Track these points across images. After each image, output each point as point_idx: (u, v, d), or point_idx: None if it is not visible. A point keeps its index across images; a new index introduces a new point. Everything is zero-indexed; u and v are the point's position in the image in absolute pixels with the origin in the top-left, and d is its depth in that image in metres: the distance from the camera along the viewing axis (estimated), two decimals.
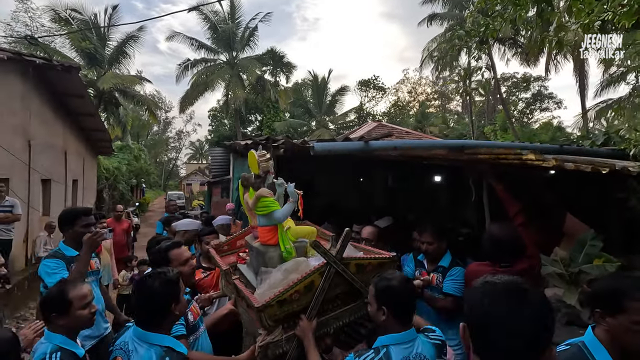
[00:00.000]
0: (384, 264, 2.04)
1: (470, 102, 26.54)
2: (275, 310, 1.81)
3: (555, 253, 2.42)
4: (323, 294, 1.89)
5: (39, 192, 7.93)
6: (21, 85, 6.89)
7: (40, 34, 17.86)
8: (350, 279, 1.96)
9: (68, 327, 1.70)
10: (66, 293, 1.72)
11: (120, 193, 17.32)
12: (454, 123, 36.03)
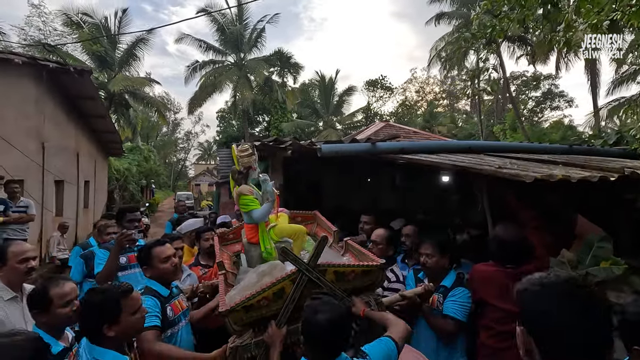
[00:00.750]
0: (369, 272, 1.91)
1: (479, 101, 26.31)
2: (241, 315, 1.76)
3: (562, 255, 2.40)
4: (294, 302, 1.78)
5: (52, 193, 8.11)
6: (35, 89, 7.06)
7: (52, 38, 18.27)
8: (327, 287, 1.82)
9: (49, 324, 1.70)
10: (47, 290, 1.71)
11: (131, 194, 17.58)
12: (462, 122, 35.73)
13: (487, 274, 2.26)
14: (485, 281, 2.24)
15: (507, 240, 2.25)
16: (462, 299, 2.21)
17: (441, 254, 2.26)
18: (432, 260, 2.26)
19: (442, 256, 2.26)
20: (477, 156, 3.37)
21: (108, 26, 18.52)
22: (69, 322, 1.78)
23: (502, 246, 2.27)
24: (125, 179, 16.94)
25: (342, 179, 6.44)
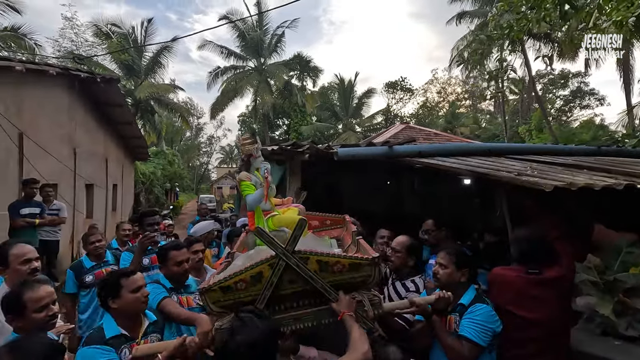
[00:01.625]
0: (359, 267, 1.73)
1: (503, 101, 25.58)
2: (218, 296, 1.71)
3: (589, 260, 2.32)
4: (271, 287, 1.70)
5: (83, 196, 8.50)
6: (68, 97, 7.45)
7: (84, 49, 19.18)
8: (308, 276, 1.70)
9: (25, 329, 1.65)
10: (21, 295, 1.68)
11: (156, 196, 18.14)
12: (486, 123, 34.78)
13: (507, 278, 2.19)
14: (505, 285, 2.18)
15: (528, 243, 2.19)
16: (482, 318, 1.88)
17: (457, 267, 2.00)
18: (445, 272, 2.01)
19: (457, 269, 2.00)
20: (497, 159, 3.30)
21: (135, 36, 19.30)
22: (46, 327, 1.72)
23: (523, 249, 2.21)
24: (150, 182, 17.51)
25: (362, 182, 6.40)
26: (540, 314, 2.07)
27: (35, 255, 2.30)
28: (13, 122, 5.37)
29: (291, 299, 1.77)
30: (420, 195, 6.61)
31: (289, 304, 1.77)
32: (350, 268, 1.73)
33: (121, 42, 18.31)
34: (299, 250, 1.70)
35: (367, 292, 1.78)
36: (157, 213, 3.59)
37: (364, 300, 1.74)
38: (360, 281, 1.75)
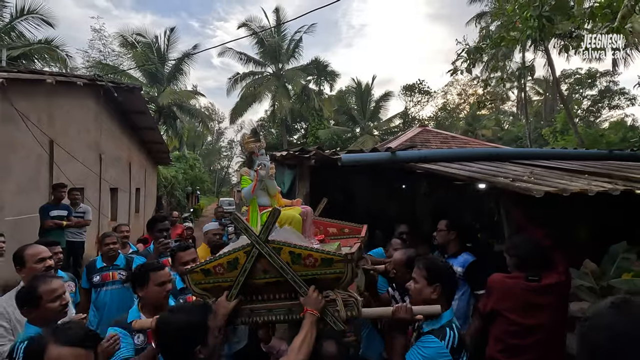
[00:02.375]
0: (331, 262, 1.67)
1: (526, 102, 24.91)
2: (199, 278, 1.79)
3: (585, 265, 2.33)
4: (244, 274, 1.72)
5: (108, 200, 8.94)
6: (95, 106, 7.89)
7: (111, 59, 20.15)
8: (279, 266, 1.69)
9: (41, 319, 1.81)
10: (36, 288, 1.84)
11: (177, 200, 18.73)
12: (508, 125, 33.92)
13: (507, 285, 2.21)
14: (505, 293, 2.19)
15: (527, 249, 2.20)
16: (429, 354, 1.63)
17: (429, 282, 1.77)
18: (416, 288, 1.81)
19: (429, 284, 1.77)
20: (500, 164, 3.31)
21: (158, 44, 20.06)
22: (59, 316, 1.89)
23: (522, 256, 2.21)
24: (172, 186, 18.10)
25: (375, 186, 6.43)
26: (540, 320, 2.10)
27: (48, 254, 2.48)
28: (44, 130, 5.76)
29: (266, 289, 1.77)
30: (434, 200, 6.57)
31: (265, 295, 1.78)
32: (322, 263, 1.68)
33: (145, 51, 19.10)
34: (273, 240, 1.70)
35: (343, 292, 1.71)
36: (167, 218, 3.77)
37: (337, 299, 1.67)
38: (332, 278, 1.69)
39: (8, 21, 13.20)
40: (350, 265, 1.67)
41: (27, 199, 5.37)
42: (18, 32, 13.59)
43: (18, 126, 5.14)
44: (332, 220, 2.85)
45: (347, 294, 1.70)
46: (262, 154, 2.44)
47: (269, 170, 2.35)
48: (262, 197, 2.38)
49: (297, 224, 2.26)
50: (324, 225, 2.84)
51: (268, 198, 2.42)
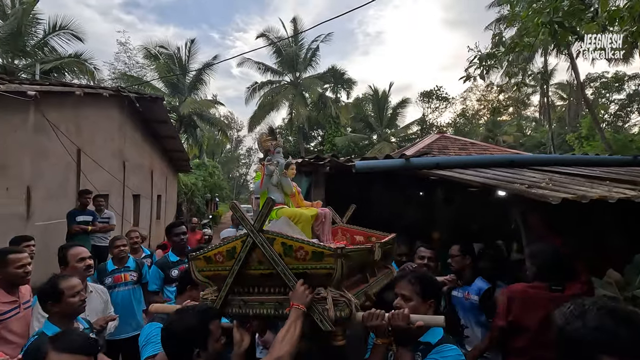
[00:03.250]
0: (321, 255, 1.60)
1: (548, 107, 24.25)
2: (202, 265, 1.81)
3: (609, 275, 2.25)
4: (239, 263, 1.70)
5: (130, 206, 9.24)
6: (119, 115, 8.22)
7: (135, 70, 20.97)
8: (270, 257, 1.65)
9: (62, 313, 1.98)
10: (58, 284, 1.99)
11: (197, 206, 19.12)
12: (531, 131, 33.02)
13: (529, 296, 2.14)
14: (526, 303, 2.12)
15: (550, 259, 2.13)
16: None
17: (423, 298, 1.68)
18: (410, 306, 1.66)
19: (423, 301, 1.68)
20: (518, 171, 3.25)
21: (180, 55, 20.74)
22: (79, 310, 2.05)
23: (545, 265, 2.14)
24: (192, 193, 18.50)
25: (392, 193, 6.36)
26: None
27: (87, 254, 2.72)
28: (73, 140, 6.05)
29: (260, 281, 1.75)
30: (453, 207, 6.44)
31: (259, 287, 1.76)
32: (313, 256, 1.62)
33: (167, 62, 19.77)
34: (267, 230, 1.69)
35: (336, 290, 1.64)
36: (183, 223, 3.89)
37: (328, 298, 1.60)
38: (324, 274, 1.62)
39: (42, 37, 13.99)
40: (340, 261, 1.57)
41: (56, 204, 5.63)
42: (50, 47, 14.38)
43: (49, 136, 5.42)
44: (360, 228, 2.76)
45: (340, 293, 1.63)
46: (277, 152, 2.43)
47: (282, 167, 2.33)
48: (275, 193, 2.35)
49: (306, 221, 2.22)
50: (350, 233, 2.78)
51: (281, 196, 2.39)
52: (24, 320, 2.36)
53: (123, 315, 3.08)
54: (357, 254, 1.84)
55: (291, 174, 2.58)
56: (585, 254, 2.19)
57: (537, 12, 2.67)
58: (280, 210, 2.21)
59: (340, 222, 2.84)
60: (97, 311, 2.68)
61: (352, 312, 1.60)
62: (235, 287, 1.78)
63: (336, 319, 1.58)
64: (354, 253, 1.77)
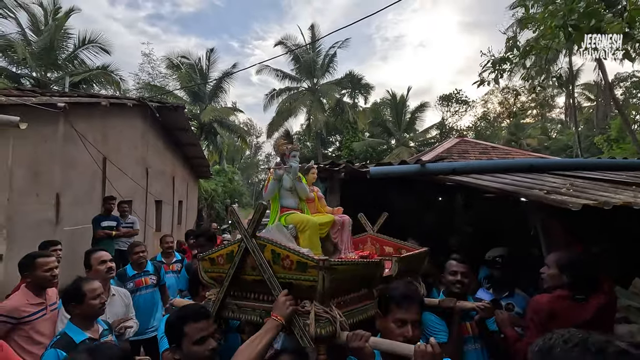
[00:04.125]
0: (305, 267, 1.54)
1: (574, 108, 23.41)
2: (207, 266, 1.86)
3: (635, 285, 2.15)
4: (234, 267, 1.71)
5: (153, 212, 9.51)
6: (142, 124, 8.52)
7: (158, 80, 21.71)
8: (259, 263, 1.62)
9: (84, 314, 2.06)
10: (81, 287, 2.08)
11: (217, 212, 19.45)
12: (557, 133, 31.94)
13: (554, 307, 2.03)
14: (553, 315, 2.00)
15: (574, 268, 2.05)
16: None
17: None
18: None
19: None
20: (538, 176, 3.16)
21: (201, 65, 21.32)
22: (99, 312, 2.14)
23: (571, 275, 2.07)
24: (212, 198, 18.86)
25: (409, 199, 6.23)
26: None
27: (109, 257, 2.86)
28: (99, 149, 6.31)
29: (253, 287, 1.72)
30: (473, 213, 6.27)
31: (253, 293, 1.74)
32: (298, 266, 1.56)
33: (189, 71, 20.38)
34: (260, 237, 1.67)
35: (321, 305, 1.54)
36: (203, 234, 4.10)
37: (311, 312, 1.51)
38: (307, 286, 1.55)
39: (72, 50, 14.73)
40: (323, 274, 1.49)
41: (83, 210, 5.87)
42: (80, 60, 15.11)
43: (77, 145, 5.68)
44: (390, 238, 2.60)
45: (324, 309, 1.53)
46: (293, 156, 2.36)
47: (296, 171, 2.29)
48: (288, 198, 2.32)
49: (313, 229, 2.14)
50: (380, 243, 2.63)
51: (295, 201, 2.34)
52: (51, 322, 2.47)
53: (145, 317, 3.20)
54: (351, 268, 1.70)
55: (312, 178, 2.56)
56: (608, 262, 2.10)
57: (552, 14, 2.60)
58: (289, 216, 2.18)
59: (371, 230, 2.74)
60: (118, 314, 2.77)
61: (336, 330, 1.51)
62: (231, 290, 1.79)
63: (317, 336, 1.49)
64: (345, 266, 1.65)
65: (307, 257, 1.55)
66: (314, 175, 2.56)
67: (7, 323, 2.25)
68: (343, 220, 2.45)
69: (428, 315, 2.13)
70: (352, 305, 1.70)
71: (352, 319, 1.66)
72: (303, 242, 2.07)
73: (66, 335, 1.99)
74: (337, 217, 2.43)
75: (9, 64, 13.84)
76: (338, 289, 1.61)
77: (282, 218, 2.19)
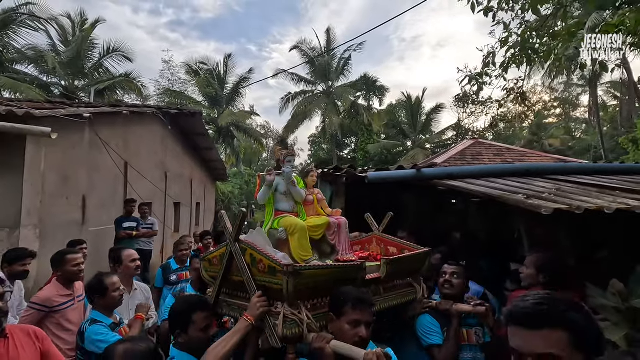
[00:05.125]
0: (274, 271, 1.63)
1: (597, 107, 22.71)
2: (207, 266, 2.02)
3: (612, 285, 2.25)
4: (223, 269, 1.84)
5: (172, 214, 9.95)
6: (161, 130, 8.96)
7: (178, 85, 22.47)
8: (240, 266, 1.73)
9: (105, 305, 2.35)
10: (103, 281, 2.36)
11: (233, 214, 19.94)
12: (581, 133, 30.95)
13: None
14: None
15: (544, 267, 2.22)
16: None
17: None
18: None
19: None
20: (531, 181, 3.27)
21: (219, 70, 21.95)
22: (118, 303, 2.42)
23: (539, 273, 2.24)
24: (229, 200, 19.36)
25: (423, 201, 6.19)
26: None
27: (137, 256, 3.21)
28: (120, 154, 6.74)
29: (239, 287, 1.83)
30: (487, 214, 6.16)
31: (239, 292, 1.86)
32: (269, 270, 1.65)
33: (207, 77, 21.01)
34: (242, 241, 1.78)
35: (289, 308, 1.63)
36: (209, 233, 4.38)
37: (280, 314, 1.60)
38: (278, 289, 1.63)
39: (97, 59, 15.52)
40: (287, 279, 1.57)
41: (106, 212, 6.29)
42: (105, 68, 15.89)
43: (100, 151, 6.10)
44: (394, 239, 2.62)
45: (292, 311, 1.62)
46: (288, 162, 2.42)
47: (290, 176, 2.35)
48: (282, 202, 2.40)
49: (302, 231, 2.21)
50: (385, 243, 2.65)
51: (290, 204, 2.42)
52: (78, 311, 2.79)
53: None
54: (322, 272, 1.76)
55: (311, 181, 2.62)
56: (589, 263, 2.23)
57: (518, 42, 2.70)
58: (281, 220, 2.28)
59: (377, 230, 2.76)
60: None
61: (302, 332, 1.59)
62: (223, 288, 1.94)
63: (284, 336, 1.58)
64: (314, 271, 1.72)
65: (275, 262, 1.64)
66: (314, 179, 2.63)
67: (41, 311, 2.57)
68: (339, 222, 2.51)
69: (424, 315, 2.19)
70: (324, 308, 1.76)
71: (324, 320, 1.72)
72: (293, 245, 2.17)
73: (94, 320, 2.30)
74: (332, 219, 2.49)
75: (40, 73, 14.73)
76: (311, 292, 1.70)
77: (276, 221, 2.29)
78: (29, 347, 1.66)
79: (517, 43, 3.03)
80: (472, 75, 3.89)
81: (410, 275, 2.31)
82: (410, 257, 2.28)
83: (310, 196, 2.59)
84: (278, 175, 2.36)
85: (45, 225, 4.63)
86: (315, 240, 2.37)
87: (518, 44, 3.03)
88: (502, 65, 3.36)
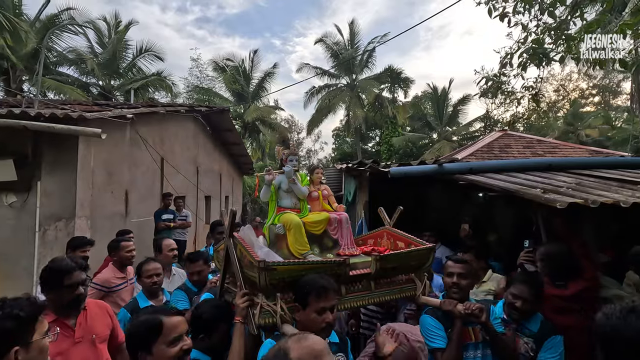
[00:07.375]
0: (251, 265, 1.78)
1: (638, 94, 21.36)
2: (219, 257, 2.20)
3: (628, 277, 2.33)
4: (223, 260, 2.01)
5: (203, 206, 10.47)
6: (193, 127, 9.42)
7: (206, 82, 23.18)
8: (232, 259, 1.88)
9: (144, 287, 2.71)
10: (141, 266, 2.70)
11: (260, 207, 20.48)
12: (622, 123, 29.23)
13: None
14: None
15: (555, 257, 2.33)
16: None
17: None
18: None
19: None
20: (552, 175, 3.31)
21: (244, 66, 22.42)
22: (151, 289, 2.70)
23: (550, 264, 2.35)
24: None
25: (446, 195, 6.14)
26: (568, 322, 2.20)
27: (175, 246, 3.55)
28: (158, 150, 7.20)
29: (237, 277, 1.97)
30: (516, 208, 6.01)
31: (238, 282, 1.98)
32: (250, 265, 1.79)
33: (233, 73, 21.55)
34: (235, 237, 1.93)
35: (266, 300, 1.77)
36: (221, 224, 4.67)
37: (258, 304, 1.76)
38: (253, 282, 1.80)
39: (131, 59, 16.31)
40: (259, 274, 1.71)
41: (146, 205, 6.77)
42: (137, 68, 16.69)
43: (140, 148, 6.56)
44: (403, 234, 2.57)
45: (267, 303, 1.77)
46: (290, 161, 2.52)
47: (290, 174, 2.42)
48: (284, 199, 2.50)
49: (297, 227, 2.30)
50: (394, 238, 2.62)
51: (292, 201, 2.51)
52: (130, 292, 3.16)
53: None
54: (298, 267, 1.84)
55: (317, 178, 2.75)
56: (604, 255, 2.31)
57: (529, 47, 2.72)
58: (281, 216, 2.40)
59: (388, 224, 2.75)
60: None
61: (278, 322, 1.74)
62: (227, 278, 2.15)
63: (259, 325, 1.74)
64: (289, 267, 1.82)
65: (253, 257, 1.78)
66: (319, 175, 2.75)
67: (101, 290, 2.95)
68: (339, 218, 2.54)
69: (426, 318, 2.07)
70: None
71: None
72: (290, 239, 2.28)
73: (135, 301, 2.66)
74: (333, 215, 2.54)
75: (80, 74, 15.70)
76: (288, 285, 1.81)
77: (277, 218, 2.40)
78: (102, 319, 1.97)
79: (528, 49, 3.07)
80: (489, 76, 3.92)
81: (413, 271, 2.29)
82: (407, 254, 2.24)
83: (315, 192, 2.69)
84: (281, 174, 2.49)
85: (94, 216, 5.11)
86: (317, 235, 2.45)
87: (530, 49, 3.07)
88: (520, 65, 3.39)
